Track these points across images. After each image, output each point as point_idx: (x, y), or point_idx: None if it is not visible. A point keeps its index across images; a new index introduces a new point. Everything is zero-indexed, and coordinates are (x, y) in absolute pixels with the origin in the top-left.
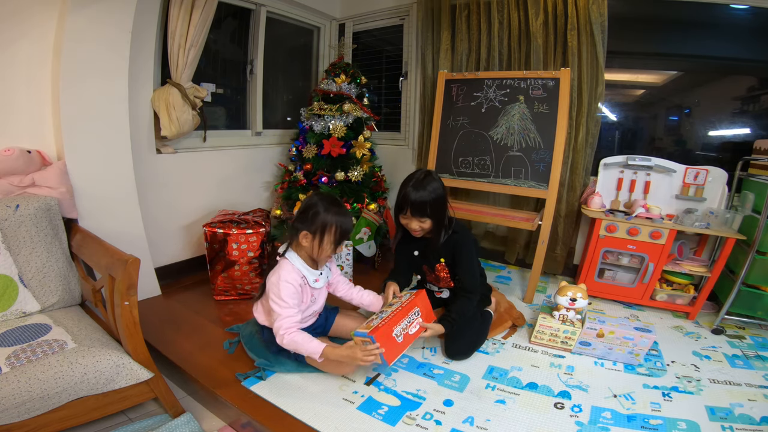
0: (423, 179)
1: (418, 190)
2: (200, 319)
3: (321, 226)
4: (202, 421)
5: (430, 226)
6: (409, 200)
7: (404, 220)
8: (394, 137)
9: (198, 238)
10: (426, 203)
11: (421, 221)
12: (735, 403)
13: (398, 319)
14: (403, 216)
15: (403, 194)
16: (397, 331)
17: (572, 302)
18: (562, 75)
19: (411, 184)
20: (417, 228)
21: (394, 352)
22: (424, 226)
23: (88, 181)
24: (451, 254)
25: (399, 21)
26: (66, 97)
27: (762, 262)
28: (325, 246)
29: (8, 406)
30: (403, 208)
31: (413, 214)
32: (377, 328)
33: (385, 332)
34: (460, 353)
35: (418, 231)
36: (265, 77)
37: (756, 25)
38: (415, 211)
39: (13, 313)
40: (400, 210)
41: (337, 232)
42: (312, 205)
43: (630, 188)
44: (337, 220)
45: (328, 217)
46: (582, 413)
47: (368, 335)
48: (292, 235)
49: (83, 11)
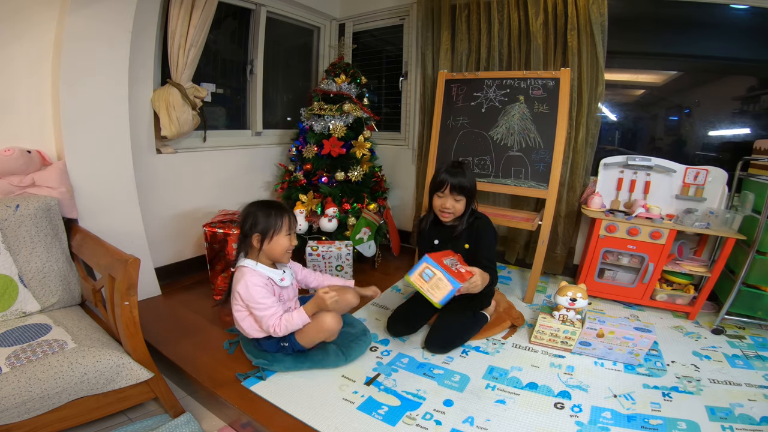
0: (460, 164)
1: (458, 170)
2: (200, 319)
3: (266, 223)
4: (202, 421)
5: (462, 207)
6: (448, 179)
7: (439, 199)
8: (394, 137)
9: (198, 238)
10: (465, 182)
11: (457, 199)
12: (735, 403)
13: (444, 255)
14: (440, 194)
15: (442, 174)
16: (447, 261)
17: (572, 302)
18: (562, 75)
19: (449, 166)
20: (450, 207)
21: (455, 277)
22: (457, 206)
23: (88, 181)
24: (474, 239)
25: (399, 21)
26: (66, 97)
27: (762, 262)
28: (279, 238)
29: (8, 406)
30: (441, 185)
31: (452, 191)
32: (429, 254)
33: (437, 257)
34: (438, 346)
35: (450, 211)
36: (265, 77)
37: (756, 25)
38: (454, 189)
39: (13, 313)
40: (438, 188)
41: (281, 220)
42: (250, 212)
43: (630, 188)
44: (277, 212)
45: (270, 211)
46: (582, 413)
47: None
48: (244, 244)
49: (83, 11)
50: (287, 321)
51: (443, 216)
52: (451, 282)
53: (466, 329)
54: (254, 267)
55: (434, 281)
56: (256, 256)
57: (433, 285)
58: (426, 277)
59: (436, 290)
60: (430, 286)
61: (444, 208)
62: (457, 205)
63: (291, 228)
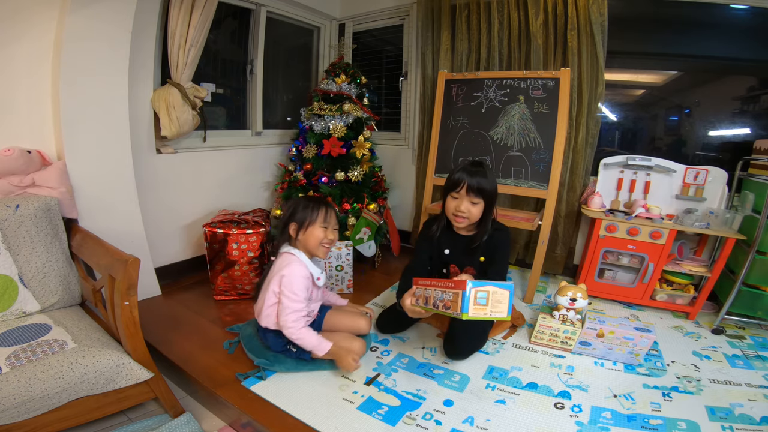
0: (480, 163)
1: (477, 168)
2: (200, 319)
3: (303, 213)
4: (202, 421)
5: (478, 213)
6: (465, 177)
7: (453, 201)
8: (394, 137)
9: (198, 238)
10: (484, 183)
11: (474, 202)
12: (735, 403)
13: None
14: (455, 194)
15: (459, 172)
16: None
17: (572, 302)
18: (562, 75)
19: (468, 164)
20: (465, 211)
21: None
22: (473, 210)
23: (88, 181)
24: (490, 253)
25: (399, 21)
26: (66, 97)
27: (762, 262)
28: (314, 229)
29: (8, 406)
30: (456, 185)
31: (468, 192)
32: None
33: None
34: (460, 353)
35: (464, 215)
36: (265, 77)
37: (756, 25)
38: (471, 190)
39: (13, 313)
40: (453, 188)
41: (317, 212)
42: (292, 203)
43: (630, 188)
44: (315, 204)
45: (309, 203)
46: (582, 413)
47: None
48: (283, 234)
49: (83, 11)
50: (306, 334)
51: (456, 221)
52: (503, 287)
53: (485, 332)
54: (301, 257)
55: (493, 299)
56: (299, 247)
57: (495, 302)
58: (482, 301)
59: (499, 305)
60: (492, 307)
61: (458, 212)
62: (474, 210)
63: (327, 221)
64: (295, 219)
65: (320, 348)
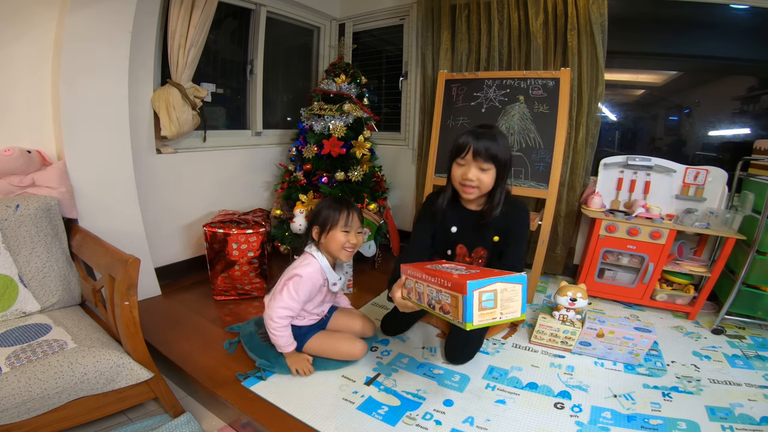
0: (490, 126)
1: (484, 131)
2: (200, 319)
3: (325, 216)
4: (202, 421)
5: (489, 181)
6: (471, 141)
7: (460, 168)
8: (394, 137)
9: (198, 238)
10: (493, 147)
11: (483, 169)
12: (735, 403)
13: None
14: (460, 161)
15: (464, 135)
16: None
17: (572, 302)
18: (562, 75)
19: (476, 126)
20: (473, 178)
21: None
22: (483, 178)
23: (88, 181)
24: (506, 231)
25: (399, 21)
26: (66, 97)
27: (762, 262)
28: (335, 233)
29: (8, 406)
30: (461, 149)
31: (475, 157)
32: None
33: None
34: (462, 359)
35: (473, 184)
36: (265, 77)
37: (756, 25)
38: (478, 154)
39: (13, 313)
40: (457, 153)
41: (339, 215)
42: (318, 206)
43: (630, 188)
44: (338, 206)
45: (333, 205)
46: (582, 413)
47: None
48: (308, 236)
49: (83, 11)
50: (282, 333)
51: (465, 191)
52: (513, 281)
53: (482, 335)
54: (321, 261)
55: (502, 298)
56: (322, 250)
57: (505, 302)
58: (489, 303)
59: (510, 304)
60: (502, 308)
61: (466, 180)
62: (484, 177)
63: (349, 224)
64: (318, 222)
65: (285, 348)
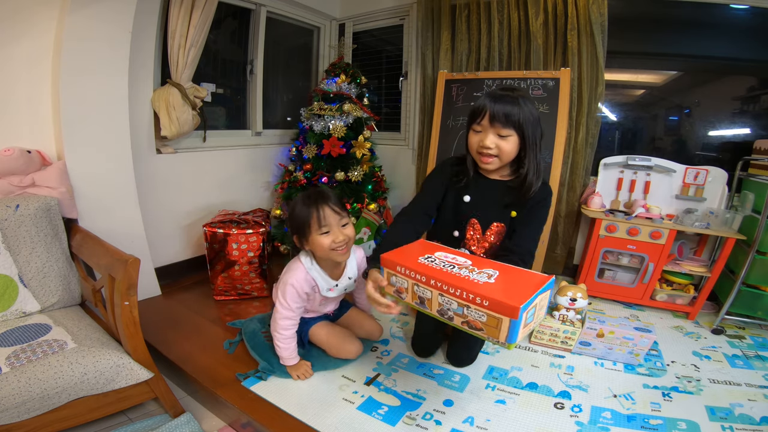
0: (513, 88)
1: (504, 93)
2: (200, 319)
3: (297, 222)
4: (202, 421)
5: (511, 149)
6: (488, 104)
7: (476, 135)
8: (394, 137)
9: (198, 238)
10: (514, 111)
11: (502, 135)
12: (735, 403)
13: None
14: (476, 126)
15: (482, 98)
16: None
17: (572, 302)
18: (562, 75)
19: (497, 88)
20: (491, 146)
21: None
22: (504, 145)
23: (88, 181)
24: (523, 208)
25: (399, 21)
26: (66, 97)
27: (762, 262)
28: (314, 238)
29: (8, 406)
30: (477, 113)
31: (492, 122)
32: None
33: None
34: (469, 361)
35: (492, 152)
36: (265, 77)
37: (756, 25)
38: (496, 119)
39: (13, 313)
40: (473, 118)
41: (310, 218)
42: (289, 208)
43: (630, 188)
44: (304, 208)
45: (301, 207)
46: (582, 413)
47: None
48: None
49: (83, 11)
50: (286, 344)
51: (483, 161)
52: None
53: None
54: (308, 267)
55: (537, 309)
56: (314, 254)
57: (539, 311)
58: (530, 319)
59: (541, 311)
60: (535, 318)
61: (483, 148)
62: (504, 145)
63: (324, 223)
64: (294, 229)
65: (288, 361)
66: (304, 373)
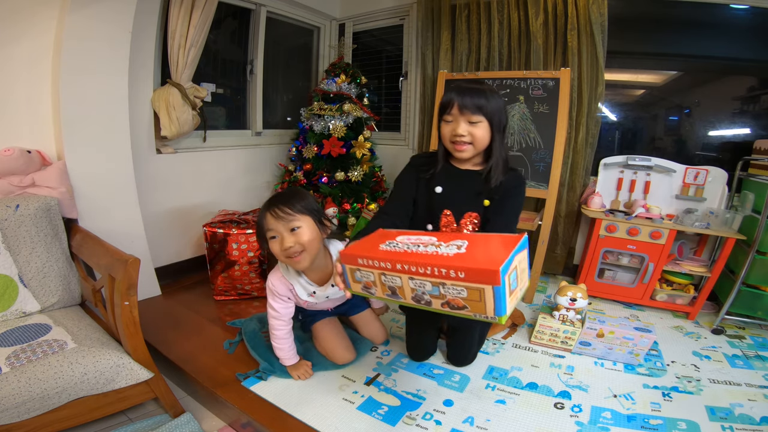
0: (479, 80)
1: (470, 86)
2: (200, 319)
3: (258, 230)
4: (202, 421)
5: (484, 135)
6: (455, 96)
7: (448, 125)
8: (394, 137)
9: (198, 238)
10: (481, 100)
11: (473, 122)
12: (735, 403)
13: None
14: (447, 117)
15: (448, 93)
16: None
17: (572, 302)
18: (562, 75)
19: (461, 82)
20: (464, 133)
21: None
22: (476, 131)
23: (88, 181)
24: (498, 197)
25: (399, 21)
26: (66, 97)
27: (762, 262)
28: (270, 245)
29: (8, 406)
30: (447, 106)
31: (462, 110)
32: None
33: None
34: (469, 360)
35: (465, 140)
36: (265, 77)
37: (756, 25)
38: (465, 107)
39: (13, 313)
40: (444, 110)
41: (262, 222)
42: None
43: (630, 188)
44: (261, 213)
45: (259, 213)
46: (582, 413)
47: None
48: None
49: (83, 11)
50: (281, 344)
51: (458, 149)
52: (522, 247)
53: (482, 338)
54: (284, 271)
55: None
56: None
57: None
58: (514, 284)
59: (524, 274)
60: (520, 282)
61: (456, 136)
62: (476, 131)
63: (270, 227)
64: (259, 241)
65: (286, 362)
66: (304, 373)
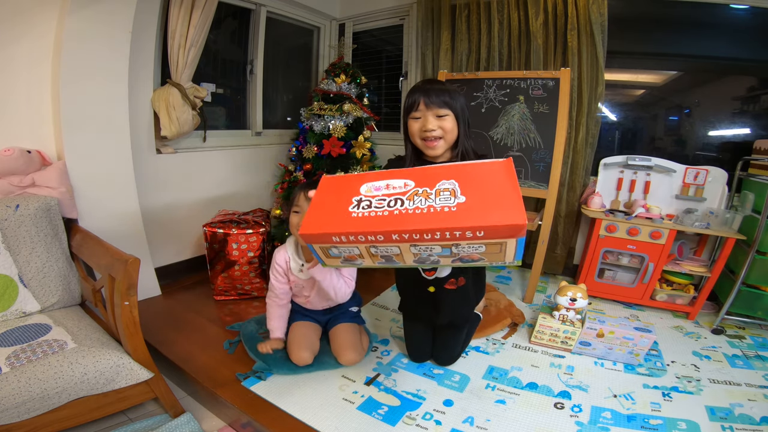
0: (437, 80)
1: (431, 82)
2: (200, 319)
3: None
4: (202, 421)
5: (452, 127)
6: (419, 94)
7: (416, 122)
8: (394, 137)
9: (198, 238)
10: (443, 95)
11: (440, 115)
12: (735, 403)
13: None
14: (415, 114)
15: (411, 94)
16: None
17: (572, 302)
18: (562, 75)
19: (420, 82)
20: (434, 128)
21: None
22: (445, 124)
23: (88, 181)
24: None
25: (399, 21)
26: (66, 97)
27: (762, 262)
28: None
29: (8, 406)
30: (413, 104)
31: (429, 105)
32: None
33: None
34: (446, 362)
35: (436, 134)
36: (265, 77)
37: (756, 25)
38: (431, 102)
39: (13, 313)
40: (410, 109)
41: (296, 196)
42: None
43: (630, 188)
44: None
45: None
46: (582, 413)
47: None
48: None
49: (83, 11)
50: (270, 313)
51: (429, 145)
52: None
53: (467, 339)
54: (288, 242)
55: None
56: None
57: None
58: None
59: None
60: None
61: (426, 132)
62: (445, 124)
63: (294, 203)
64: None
65: (271, 332)
66: (268, 346)
